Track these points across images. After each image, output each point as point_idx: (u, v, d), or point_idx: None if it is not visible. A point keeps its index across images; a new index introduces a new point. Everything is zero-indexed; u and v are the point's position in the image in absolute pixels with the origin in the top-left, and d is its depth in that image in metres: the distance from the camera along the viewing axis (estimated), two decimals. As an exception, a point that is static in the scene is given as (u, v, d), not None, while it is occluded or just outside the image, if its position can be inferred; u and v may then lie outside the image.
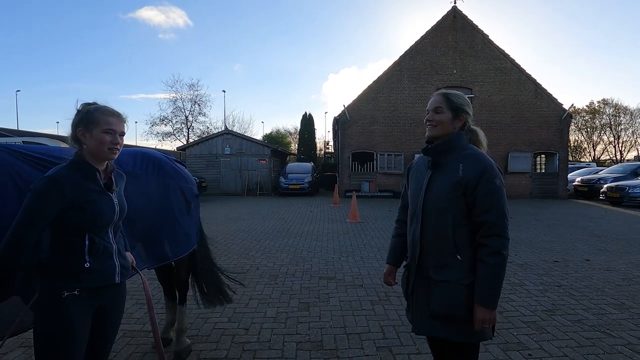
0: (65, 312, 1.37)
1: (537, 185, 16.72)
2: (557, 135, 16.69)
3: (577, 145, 40.89)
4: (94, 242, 1.43)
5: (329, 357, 2.67)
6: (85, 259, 1.41)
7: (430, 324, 1.60)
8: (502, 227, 1.46)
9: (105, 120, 1.46)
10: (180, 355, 2.57)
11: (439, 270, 1.55)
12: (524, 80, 16.62)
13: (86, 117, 1.45)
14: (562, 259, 5.54)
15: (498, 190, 1.48)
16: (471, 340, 1.53)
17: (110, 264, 1.49)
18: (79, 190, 1.39)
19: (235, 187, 18.77)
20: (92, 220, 1.42)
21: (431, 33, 16.73)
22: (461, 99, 1.64)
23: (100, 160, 1.50)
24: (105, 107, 1.50)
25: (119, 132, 1.50)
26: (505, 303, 3.70)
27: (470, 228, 1.51)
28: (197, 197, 2.69)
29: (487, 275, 1.45)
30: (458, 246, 1.51)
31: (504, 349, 2.76)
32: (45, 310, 1.38)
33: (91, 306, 1.47)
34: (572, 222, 9.16)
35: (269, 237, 7.17)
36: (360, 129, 16.96)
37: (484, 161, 1.52)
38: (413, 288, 1.68)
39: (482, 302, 1.46)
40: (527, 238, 7.12)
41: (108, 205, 1.48)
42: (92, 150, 1.46)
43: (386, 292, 4.05)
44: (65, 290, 1.38)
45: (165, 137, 33.30)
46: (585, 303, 3.73)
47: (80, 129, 1.45)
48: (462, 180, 1.51)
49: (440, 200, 1.55)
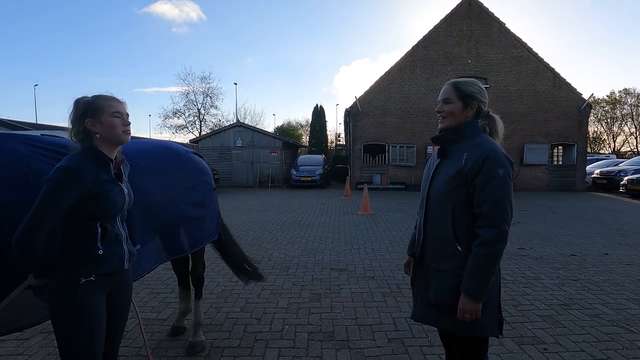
0: (85, 297, 1.41)
1: (554, 178, 16.31)
2: (576, 126, 16.20)
3: (596, 136, 39.69)
4: (106, 230, 1.46)
5: (340, 347, 2.68)
6: (98, 246, 1.44)
7: (427, 313, 1.60)
8: (497, 218, 1.40)
9: (110, 105, 1.49)
10: (194, 347, 2.60)
11: (438, 259, 1.54)
12: (542, 69, 16.12)
13: (90, 107, 1.46)
14: (579, 252, 5.41)
15: (498, 180, 1.42)
16: (466, 333, 1.50)
17: (120, 250, 1.53)
18: (96, 180, 1.41)
19: (247, 180, 18.90)
20: (105, 209, 1.45)
21: (445, 22, 16.34)
22: (471, 86, 1.60)
23: (115, 145, 1.52)
24: (101, 94, 1.52)
25: (125, 113, 1.53)
26: (520, 297, 3.64)
27: (471, 218, 1.48)
28: (214, 190, 2.69)
29: (475, 266, 1.42)
30: (458, 236, 1.48)
31: (519, 343, 2.72)
32: (63, 297, 1.40)
33: (104, 291, 1.51)
34: (590, 215, 8.93)
35: (280, 229, 7.21)
36: (372, 121, 16.79)
37: (488, 150, 1.46)
38: (415, 276, 1.69)
39: (466, 291, 1.43)
40: (542, 231, 6.97)
41: (119, 195, 1.51)
42: (106, 136, 1.47)
43: (398, 284, 4.03)
44: (82, 277, 1.41)
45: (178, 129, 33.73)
46: (604, 297, 3.64)
47: (89, 119, 1.45)
48: (463, 169, 1.47)
49: (442, 189, 1.53)
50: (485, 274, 1.41)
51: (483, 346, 1.57)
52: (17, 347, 2.70)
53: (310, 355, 2.57)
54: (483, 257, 1.41)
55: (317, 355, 2.57)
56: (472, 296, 1.42)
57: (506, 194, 1.43)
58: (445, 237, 1.51)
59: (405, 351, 2.62)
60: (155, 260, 2.21)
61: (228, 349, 2.66)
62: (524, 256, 5.18)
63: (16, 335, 2.84)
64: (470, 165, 1.46)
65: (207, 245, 2.87)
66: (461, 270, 1.47)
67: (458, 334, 1.53)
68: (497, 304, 1.55)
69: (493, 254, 1.40)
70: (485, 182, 1.42)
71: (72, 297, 1.40)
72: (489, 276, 1.42)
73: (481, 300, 1.43)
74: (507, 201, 1.43)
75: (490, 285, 1.46)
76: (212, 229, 2.66)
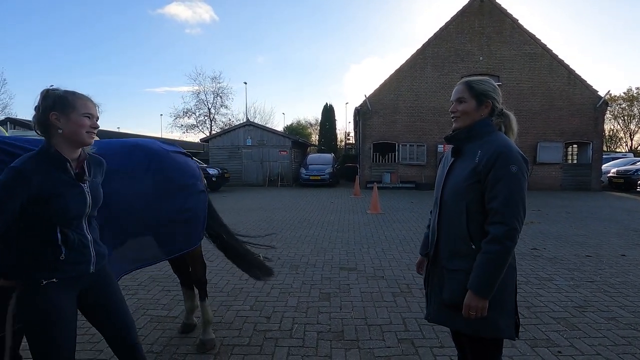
0: (48, 298, 1.38)
1: (568, 177, 15.98)
2: (591, 124, 15.84)
3: (612, 134, 38.72)
4: (67, 236, 1.40)
5: (349, 347, 2.66)
6: (60, 250, 1.39)
7: (441, 313, 1.58)
8: (507, 214, 1.38)
9: (84, 104, 1.43)
10: (204, 344, 2.60)
11: (452, 258, 1.52)
12: (556, 66, 15.80)
13: (61, 101, 1.39)
14: (594, 253, 5.28)
15: (510, 177, 1.39)
16: (481, 334, 1.47)
17: (85, 254, 1.47)
18: (47, 183, 1.34)
19: (257, 178, 19.00)
20: (59, 214, 1.38)
21: (457, 19, 16.12)
22: (485, 84, 1.57)
23: (77, 146, 1.45)
24: (77, 92, 1.46)
25: (96, 116, 1.48)
26: (533, 298, 3.57)
27: (485, 217, 1.45)
28: (202, 192, 2.46)
29: (482, 262, 1.39)
30: (472, 235, 1.46)
31: (532, 345, 2.67)
32: (26, 300, 1.38)
33: (72, 291, 1.47)
34: (606, 215, 8.72)
35: (290, 228, 7.22)
36: (382, 119, 16.69)
37: (501, 147, 1.44)
38: (429, 276, 1.67)
39: (472, 288, 1.41)
40: (556, 232, 6.83)
41: (78, 197, 1.43)
42: (69, 134, 1.40)
43: (408, 284, 4.00)
44: (43, 279, 1.38)
45: (189, 129, 34.07)
46: (621, 300, 3.54)
47: (54, 112, 1.38)
48: (477, 166, 1.45)
49: (457, 188, 1.51)
50: (494, 272, 1.39)
51: (497, 348, 1.55)
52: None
53: (320, 355, 2.56)
54: (491, 254, 1.38)
55: (327, 355, 2.56)
56: (479, 293, 1.39)
57: (518, 191, 1.40)
58: (460, 236, 1.49)
59: (415, 352, 2.60)
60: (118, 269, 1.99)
61: (238, 347, 2.68)
62: (537, 257, 5.08)
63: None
64: (484, 162, 1.44)
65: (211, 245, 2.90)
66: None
67: (473, 335, 1.50)
68: (513, 306, 1.52)
69: (502, 251, 1.37)
70: (498, 179, 1.40)
71: (34, 298, 1.38)
72: (497, 274, 1.39)
73: (488, 298, 1.40)
74: (519, 198, 1.40)
75: (503, 284, 1.43)
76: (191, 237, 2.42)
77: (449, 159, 1.65)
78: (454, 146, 1.60)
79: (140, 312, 3.28)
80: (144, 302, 3.50)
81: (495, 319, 1.44)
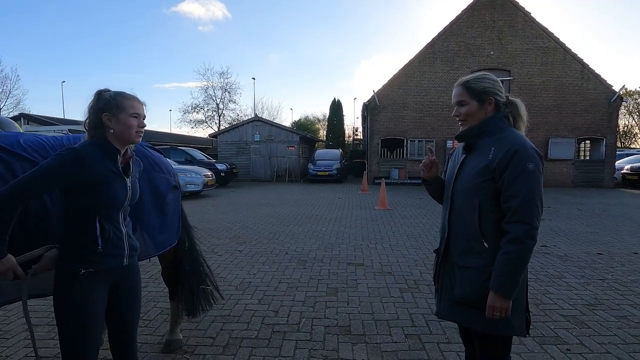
0: (82, 288, 1.45)
1: (580, 173, 15.70)
2: (605, 120, 15.50)
3: (627, 130, 37.84)
4: (104, 228, 1.48)
5: (356, 342, 2.68)
6: (98, 243, 1.46)
7: (453, 310, 1.58)
8: (527, 214, 1.37)
9: (131, 105, 1.53)
10: (169, 345, 2.56)
11: (464, 255, 1.51)
12: (569, 60, 15.46)
13: (111, 103, 1.50)
14: (606, 251, 5.20)
15: (528, 175, 1.38)
16: (493, 331, 1.47)
17: (120, 247, 1.55)
18: (98, 169, 1.44)
19: (265, 174, 19.08)
20: (105, 201, 1.46)
21: (467, 12, 15.85)
22: (482, 81, 1.54)
23: (126, 144, 1.56)
24: (125, 92, 1.56)
25: (142, 115, 1.58)
26: (542, 295, 3.54)
27: (499, 215, 1.44)
28: (176, 188, 2.43)
29: (504, 262, 1.38)
30: (484, 232, 1.45)
31: (540, 343, 2.65)
32: (62, 285, 1.45)
33: (106, 283, 1.53)
34: (618, 213, 8.56)
35: (297, 223, 7.25)
36: (390, 115, 16.57)
37: (516, 144, 1.42)
38: (440, 272, 1.66)
39: (495, 289, 1.40)
40: (567, 229, 6.74)
41: (122, 189, 1.52)
42: (119, 134, 1.51)
43: (415, 280, 3.99)
44: (82, 268, 1.45)
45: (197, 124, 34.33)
46: (632, 298, 3.49)
47: (106, 114, 1.49)
48: (491, 164, 1.43)
49: (469, 185, 1.49)
50: (516, 271, 1.38)
51: (507, 345, 1.54)
52: (48, 332, 2.83)
53: (327, 349, 2.59)
54: (513, 254, 1.37)
55: (334, 349, 2.58)
56: (503, 293, 1.38)
57: (536, 188, 1.39)
58: (471, 233, 1.48)
59: (422, 347, 2.60)
60: None
61: (246, 339, 2.71)
62: (547, 254, 5.03)
63: (47, 321, 2.98)
64: (499, 160, 1.42)
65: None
66: (487, 267, 1.44)
67: (485, 332, 1.50)
68: (524, 303, 1.51)
69: (524, 251, 1.37)
70: (515, 177, 1.38)
71: (70, 286, 1.44)
72: (520, 273, 1.39)
73: (511, 298, 1.40)
74: (537, 196, 1.39)
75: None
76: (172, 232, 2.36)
77: (459, 155, 1.63)
78: (466, 143, 1.58)
79: (151, 304, 3.34)
80: (155, 295, 3.56)
81: (508, 317, 1.43)
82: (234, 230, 6.61)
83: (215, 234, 6.31)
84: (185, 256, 2.62)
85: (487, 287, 1.43)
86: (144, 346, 2.60)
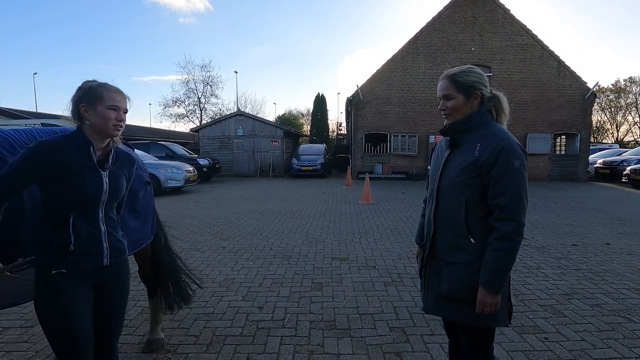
0: (58, 288, 1.39)
1: (556, 167, 16.24)
2: (580, 116, 16.04)
3: (599, 125, 39.36)
4: (76, 225, 1.41)
5: (342, 336, 2.69)
6: (70, 240, 1.40)
7: (440, 305, 1.59)
8: (515, 211, 1.39)
9: (110, 97, 1.46)
10: (150, 344, 2.51)
11: (450, 251, 1.52)
12: (546, 57, 15.88)
13: (89, 94, 1.45)
14: (581, 242, 5.40)
15: (514, 172, 1.39)
16: (480, 324, 1.50)
17: (96, 245, 1.46)
18: (67, 160, 1.39)
19: (248, 169, 18.88)
20: (74, 194, 1.40)
21: (449, 8, 16.03)
22: (469, 74, 1.53)
23: (103, 137, 1.49)
24: (108, 84, 1.50)
25: (123, 109, 1.50)
26: (521, 286, 3.64)
27: (485, 211, 1.45)
28: (149, 184, 2.37)
29: (493, 260, 1.41)
30: (471, 228, 1.46)
31: (520, 332, 2.73)
32: (39, 290, 1.42)
33: (87, 281, 1.47)
34: (592, 205, 8.91)
35: (282, 218, 7.21)
36: (374, 110, 16.64)
37: (502, 141, 1.43)
38: (425, 268, 1.67)
39: (485, 285, 1.42)
40: (544, 221, 6.96)
41: (94, 182, 1.44)
42: (95, 126, 1.46)
43: (399, 273, 4.04)
44: (52, 269, 1.39)
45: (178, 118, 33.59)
46: (605, 287, 3.64)
47: (83, 105, 1.44)
48: (477, 160, 1.44)
49: (455, 181, 1.49)
50: (505, 267, 1.41)
51: (491, 336, 1.58)
52: (21, 334, 2.72)
53: (312, 344, 2.58)
54: (503, 251, 1.40)
55: (319, 344, 2.58)
56: (493, 290, 1.41)
57: (522, 185, 1.41)
58: (458, 229, 1.49)
59: (406, 340, 2.63)
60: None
61: (230, 337, 2.68)
62: (525, 246, 5.18)
63: (20, 324, 2.86)
64: (485, 157, 1.42)
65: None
66: (474, 262, 1.46)
67: (474, 325, 1.52)
68: (507, 294, 1.54)
69: (512, 247, 1.40)
70: (502, 175, 1.40)
71: (45, 289, 1.40)
72: (509, 269, 1.42)
73: (500, 293, 1.43)
74: (524, 193, 1.41)
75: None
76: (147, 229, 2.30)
77: (443, 150, 1.62)
78: (450, 139, 1.57)
79: (131, 303, 3.25)
80: (135, 294, 3.46)
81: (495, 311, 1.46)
82: (217, 226, 6.51)
83: (198, 230, 6.20)
84: (162, 252, 2.62)
85: (475, 282, 1.45)
86: (124, 346, 2.53)
